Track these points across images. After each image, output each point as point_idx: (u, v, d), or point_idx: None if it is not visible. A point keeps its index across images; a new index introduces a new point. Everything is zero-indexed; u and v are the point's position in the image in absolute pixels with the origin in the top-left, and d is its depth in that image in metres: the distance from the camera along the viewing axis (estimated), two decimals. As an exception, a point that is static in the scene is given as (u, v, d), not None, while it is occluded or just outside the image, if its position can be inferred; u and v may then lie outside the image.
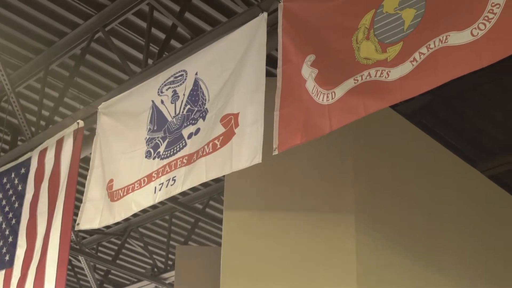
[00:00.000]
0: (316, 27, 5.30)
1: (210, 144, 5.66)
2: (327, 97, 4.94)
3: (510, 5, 4.22)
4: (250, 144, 5.34)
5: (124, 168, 6.47)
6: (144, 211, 11.35)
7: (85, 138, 7.30)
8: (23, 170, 7.77)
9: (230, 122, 5.56)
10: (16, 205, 7.66)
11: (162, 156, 6.09)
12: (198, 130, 5.87)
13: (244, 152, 5.38)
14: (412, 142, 7.61)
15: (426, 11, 4.63)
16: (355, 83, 4.82)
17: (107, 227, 11.16)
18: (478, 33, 4.31)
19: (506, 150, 9.40)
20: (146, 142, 6.32)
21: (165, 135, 6.16)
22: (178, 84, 6.26)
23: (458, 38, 4.39)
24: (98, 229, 10.41)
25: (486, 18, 4.30)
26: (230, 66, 5.80)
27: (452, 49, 4.41)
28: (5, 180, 7.95)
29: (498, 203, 8.76)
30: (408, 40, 4.63)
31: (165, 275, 12.25)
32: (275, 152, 5.12)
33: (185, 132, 5.98)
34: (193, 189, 10.32)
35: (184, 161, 5.84)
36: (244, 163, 5.36)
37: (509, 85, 8.74)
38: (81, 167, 8.10)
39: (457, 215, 7.80)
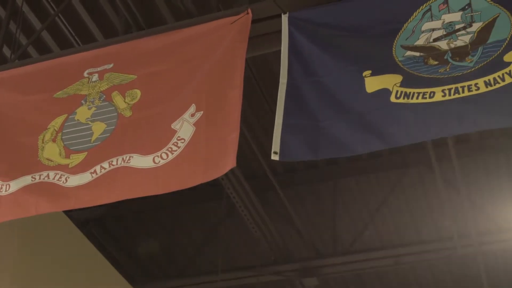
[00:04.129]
0: (7, 118, 5.22)
1: None
2: (1, 188, 4.84)
3: (193, 143, 4.44)
4: None
5: None
6: None
7: None
8: None
9: None
10: None
11: None
12: None
13: None
14: (76, 250, 7.61)
15: (116, 128, 4.75)
16: (32, 180, 4.78)
17: None
18: (160, 161, 4.46)
19: (167, 275, 9.66)
20: None
21: None
22: None
23: (141, 161, 4.52)
24: None
25: (170, 149, 4.48)
26: None
27: (132, 170, 4.52)
28: None
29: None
30: (93, 152, 4.71)
31: None
32: None
33: None
34: None
35: None
36: None
37: (181, 215, 9.10)
38: None
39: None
